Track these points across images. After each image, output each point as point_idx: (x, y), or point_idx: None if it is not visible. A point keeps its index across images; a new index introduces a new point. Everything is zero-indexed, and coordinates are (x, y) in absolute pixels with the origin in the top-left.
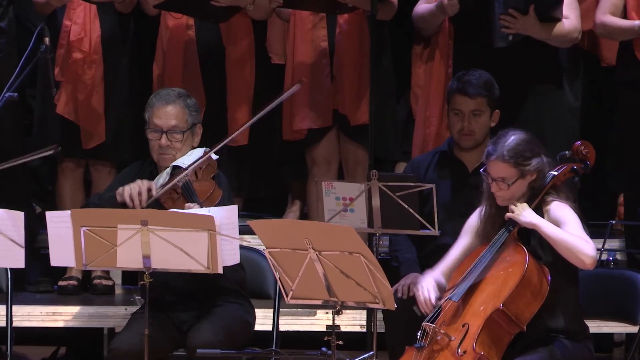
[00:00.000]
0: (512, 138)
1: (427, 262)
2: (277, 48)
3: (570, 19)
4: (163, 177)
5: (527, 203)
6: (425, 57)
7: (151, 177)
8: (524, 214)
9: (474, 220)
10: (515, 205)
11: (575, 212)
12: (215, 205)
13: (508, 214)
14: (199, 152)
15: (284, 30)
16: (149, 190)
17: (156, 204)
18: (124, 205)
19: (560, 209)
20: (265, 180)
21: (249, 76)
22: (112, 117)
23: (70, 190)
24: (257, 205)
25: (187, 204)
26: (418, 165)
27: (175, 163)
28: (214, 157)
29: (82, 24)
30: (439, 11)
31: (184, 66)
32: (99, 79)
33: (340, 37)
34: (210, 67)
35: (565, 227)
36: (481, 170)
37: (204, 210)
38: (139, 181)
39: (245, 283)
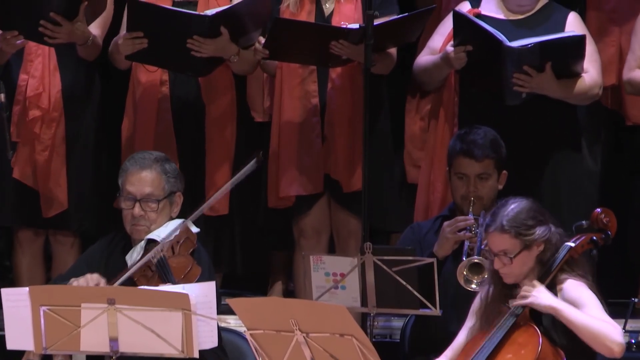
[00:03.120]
0: (512, 207)
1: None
2: (259, 105)
3: (590, 72)
4: (137, 251)
5: (539, 281)
6: (423, 112)
7: (124, 251)
8: (541, 296)
9: (479, 303)
10: (527, 286)
11: (593, 291)
12: None
13: (519, 302)
14: (177, 223)
15: (266, 84)
16: (98, 285)
17: (129, 282)
18: None
19: (576, 288)
20: (246, 254)
21: (230, 136)
22: (75, 181)
23: (28, 264)
24: (237, 281)
25: (161, 285)
26: (419, 228)
27: (149, 236)
28: (194, 229)
29: (41, 78)
30: (444, 63)
31: (156, 126)
32: (60, 139)
33: (332, 92)
34: (185, 126)
35: (584, 310)
36: (482, 246)
37: (178, 287)
38: (88, 275)
39: None
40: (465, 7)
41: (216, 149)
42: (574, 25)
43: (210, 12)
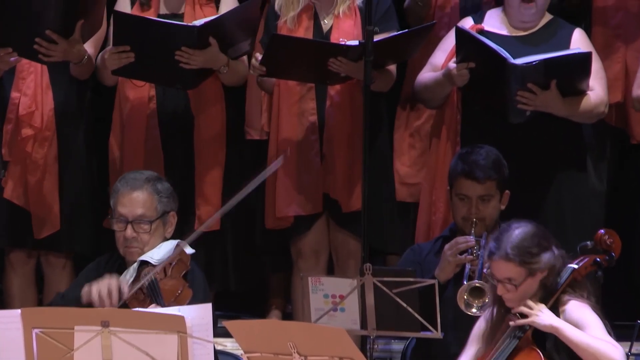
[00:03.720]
0: (516, 232)
1: None
2: (257, 122)
3: (595, 90)
4: (130, 273)
5: (541, 302)
6: (413, 128)
7: (119, 272)
8: (542, 316)
9: (481, 325)
10: (528, 307)
11: (596, 313)
12: None
13: (521, 321)
14: (171, 244)
15: (264, 102)
16: (120, 288)
17: (122, 305)
18: (90, 307)
19: (579, 309)
20: (240, 272)
21: (219, 150)
22: (67, 202)
23: (20, 286)
24: (233, 302)
25: (151, 307)
26: (419, 249)
27: (142, 257)
28: (189, 251)
29: (33, 96)
30: (446, 80)
31: (145, 144)
32: (52, 159)
33: (331, 110)
34: (174, 143)
35: (586, 332)
36: (484, 270)
37: (174, 309)
38: (107, 277)
39: None
40: (468, 23)
41: (206, 163)
42: (579, 42)
43: (198, 22)
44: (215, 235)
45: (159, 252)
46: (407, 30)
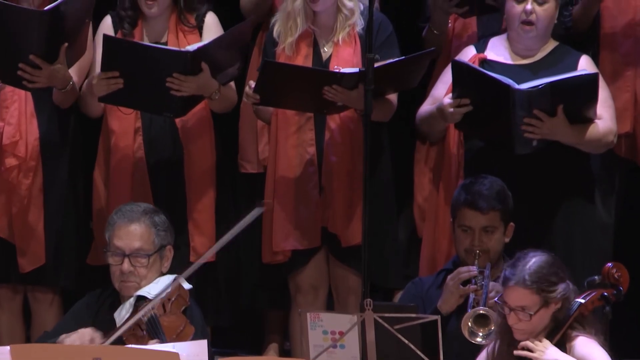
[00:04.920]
0: (534, 260)
1: None
2: (252, 155)
3: (604, 119)
4: (126, 308)
5: (547, 338)
6: (431, 163)
7: (112, 308)
8: (548, 352)
9: (485, 357)
10: (533, 342)
11: (605, 349)
12: None
13: (524, 352)
14: (168, 279)
15: (261, 133)
16: (93, 340)
17: (119, 341)
18: None
19: (587, 345)
20: (236, 307)
21: (212, 180)
22: (53, 235)
23: (8, 322)
24: (229, 339)
25: (151, 342)
26: (421, 283)
27: (139, 292)
28: (187, 286)
29: (17, 125)
30: (440, 115)
31: (132, 176)
32: (37, 190)
33: (330, 141)
34: (162, 174)
35: None
36: (496, 299)
37: (168, 346)
38: (80, 330)
39: None
40: (470, 52)
41: (198, 192)
42: (586, 68)
43: (191, 47)
44: (208, 268)
45: (157, 287)
46: (404, 57)
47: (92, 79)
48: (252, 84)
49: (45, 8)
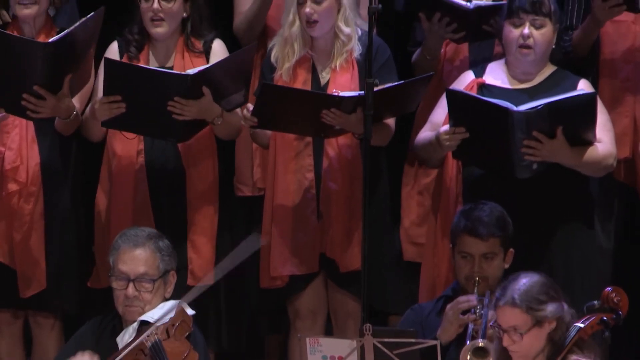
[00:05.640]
0: (524, 281)
1: None
2: (248, 178)
3: (604, 142)
4: (129, 333)
5: None
6: (422, 185)
7: (114, 333)
8: None
9: None
10: None
11: None
12: None
13: None
14: (171, 304)
15: (256, 156)
16: None
17: None
18: None
19: None
20: (235, 332)
21: (212, 204)
22: (54, 259)
23: (8, 348)
24: None
25: None
26: (420, 310)
27: (143, 317)
28: (190, 312)
29: (18, 150)
30: (437, 143)
31: (134, 199)
32: (38, 215)
33: (328, 166)
34: (164, 198)
35: None
36: (491, 323)
37: None
38: (78, 355)
39: None
40: (469, 77)
41: (198, 216)
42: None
43: (191, 71)
44: (207, 292)
45: (160, 312)
46: (402, 81)
47: (95, 103)
48: (250, 106)
49: (50, 40)
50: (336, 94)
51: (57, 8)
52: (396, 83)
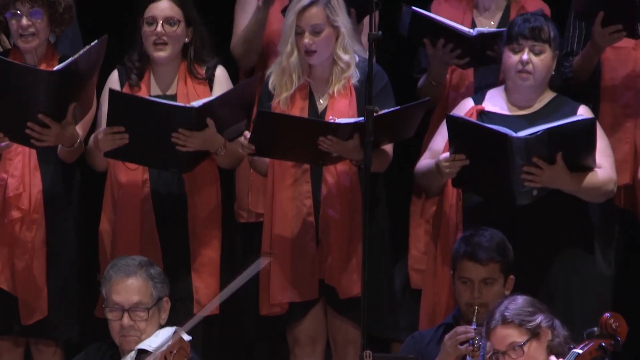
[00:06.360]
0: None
1: None
2: (246, 204)
3: (604, 167)
4: None
5: None
6: (429, 214)
7: None
8: None
9: None
10: None
11: None
12: None
13: None
14: (168, 331)
15: (252, 182)
16: None
17: None
18: None
19: None
20: (233, 359)
21: (216, 232)
22: (56, 287)
23: None
24: None
25: None
26: (420, 337)
27: (140, 346)
28: (186, 337)
29: (21, 177)
30: (436, 171)
31: (141, 229)
32: (40, 243)
33: (327, 193)
34: (169, 227)
35: None
36: (489, 355)
37: None
38: None
39: None
40: (468, 104)
41: (202, 245)
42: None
43: (196, 103)
44: (204, 320)
45: (157, 340)
46: (398, 107)
47: (98, 133)
48: (247, 134)
49: (55, 68)
50: (332, 120)
51: (58, 36)
52: (393, 109)
